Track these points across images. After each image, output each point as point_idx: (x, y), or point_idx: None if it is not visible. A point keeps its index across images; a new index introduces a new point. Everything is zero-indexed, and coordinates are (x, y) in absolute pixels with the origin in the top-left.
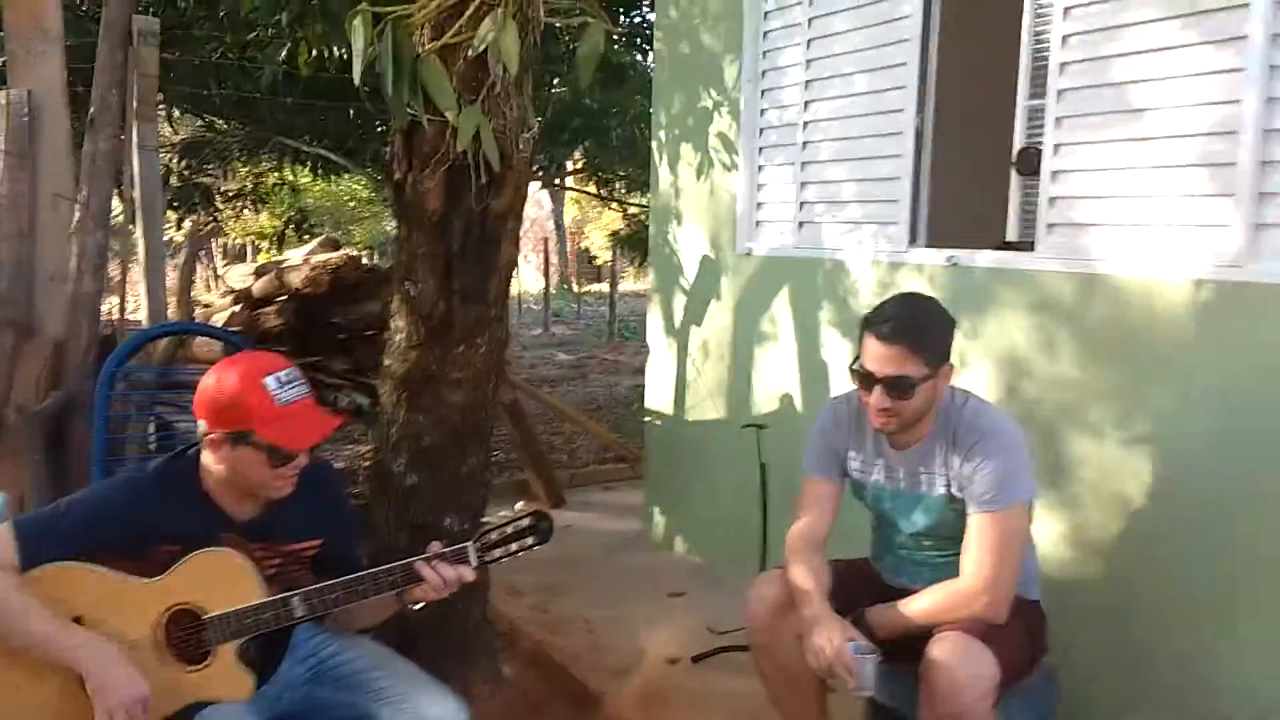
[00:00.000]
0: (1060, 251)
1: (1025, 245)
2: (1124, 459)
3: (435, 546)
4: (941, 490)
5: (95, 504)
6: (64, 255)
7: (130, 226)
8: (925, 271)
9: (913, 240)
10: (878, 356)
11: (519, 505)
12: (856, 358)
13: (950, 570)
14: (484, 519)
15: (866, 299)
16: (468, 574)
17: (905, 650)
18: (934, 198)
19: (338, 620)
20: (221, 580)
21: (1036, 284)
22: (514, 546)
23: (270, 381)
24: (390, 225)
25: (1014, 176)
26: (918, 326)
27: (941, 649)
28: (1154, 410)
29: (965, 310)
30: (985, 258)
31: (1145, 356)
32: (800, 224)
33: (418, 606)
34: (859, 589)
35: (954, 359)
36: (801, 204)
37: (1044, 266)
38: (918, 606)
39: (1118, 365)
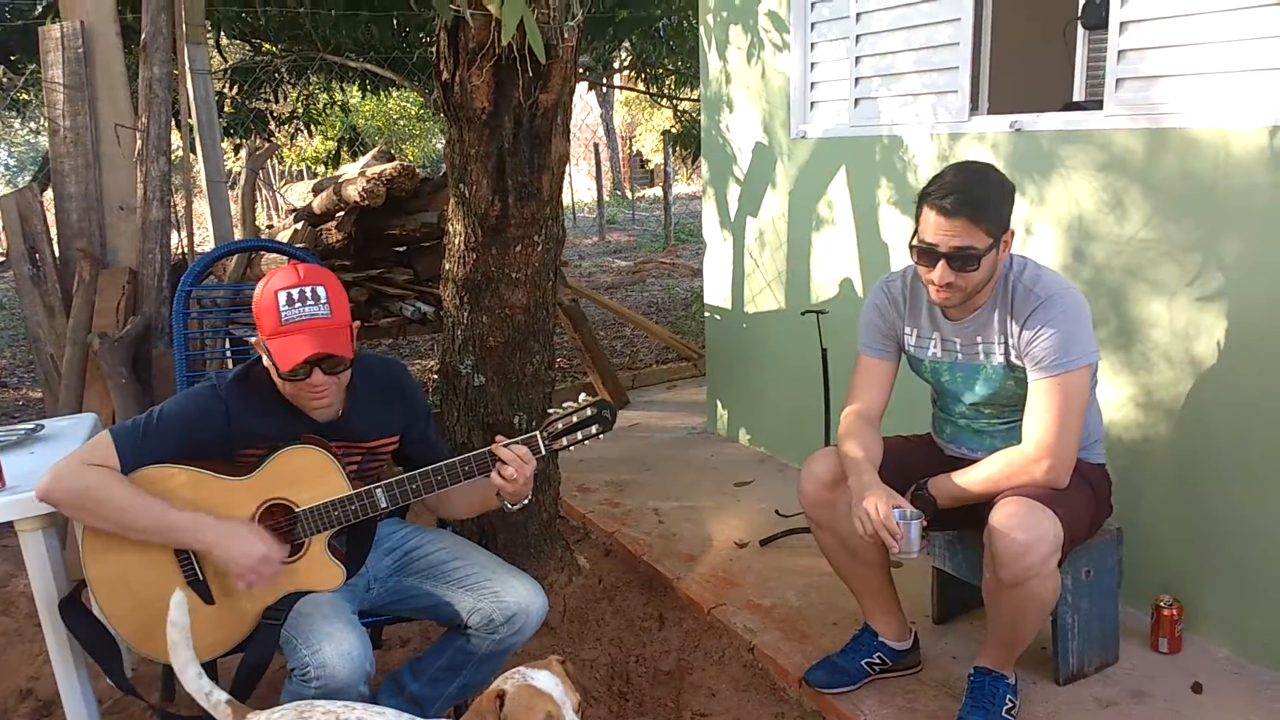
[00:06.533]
0: (1129, 107)
1: (1092, 104)
2: (1196, 318)
3: (501, 438)
4: (1000, 359)
5: (184, 410)
6: (130, 185)
7: (191, 157)
8: (987, 140)
9: (974, 108)
10: (939, 230)
11: (582, 396)
12: (915, 233)
13: (1011, 438)
14: (550, 410)
15: (925, 174)
16: (534, 462)
17: (970, 520)
18: (995, 62)
19: (435, 510)
20: (309, 475)
21: (1104, 143)
22: (579, 434)
23: (282, 296)
24: (440, 142)
25: (1080, 31)
26: (979, 196)
27: (1002, 514)
28: (1228, 266)
29: (1030, 177)
30: (1050, 120)
31: (1219, 210)
32: (856, 101)
33: (515, 507)
34: (920, 462)
35: (1019, 227)
36: (856, 79)
37: (1112, 124)
38: (979, 474)
39: (1190, 221)
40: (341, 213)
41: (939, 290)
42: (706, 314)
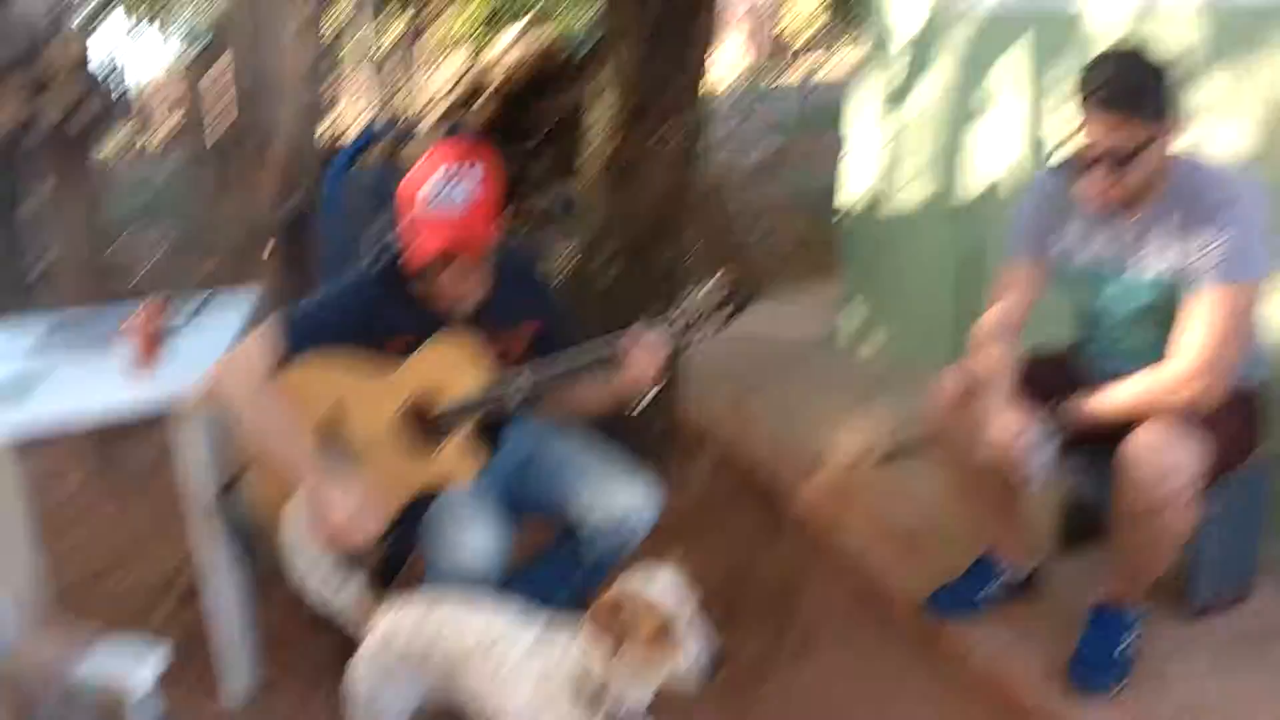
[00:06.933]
0: None
1: None
2: None
3: (637, 327)
4: (1164, 267)
5: (332, 304)
6: (294, 63)
7: (349, 36)
8: (1182, 16)
9: None
10: (1094, 126)
11: (715, 279)
12: (1070, 132)
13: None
14: (682, 294)
15: None
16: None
17: (1106, 441)
18: None
19: (558, 409)
20: (453, 367)
21: None
22: (713, 320)
23: (431, 180)
24: (581, 24)
25: None
26: (1135, 84)
27: (1139, 438)
28: None
29: (1228, 58)
30: None
31: None
32: None
33: (640, 406)
34: (1057, 381)
35: (1208, 116)
36: None
37: None
38: (1124, 394)
39: None
40: (487, 92)
41: (1099, 192)
42: (844, 211)
